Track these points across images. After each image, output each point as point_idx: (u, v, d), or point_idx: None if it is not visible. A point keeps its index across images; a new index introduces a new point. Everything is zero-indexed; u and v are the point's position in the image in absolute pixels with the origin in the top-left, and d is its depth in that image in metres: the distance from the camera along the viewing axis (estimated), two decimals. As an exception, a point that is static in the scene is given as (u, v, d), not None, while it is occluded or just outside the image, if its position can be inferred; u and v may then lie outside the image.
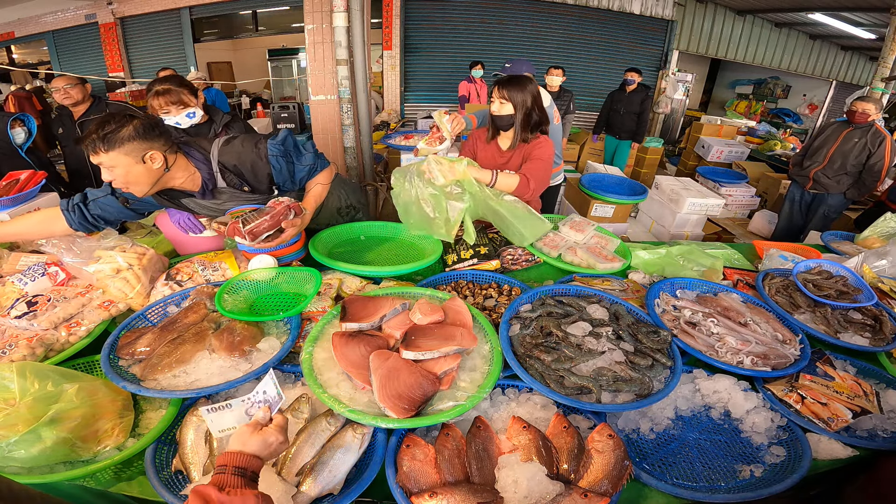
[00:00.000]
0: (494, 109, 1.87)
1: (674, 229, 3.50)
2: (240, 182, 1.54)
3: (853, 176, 3.30)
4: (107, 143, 1.25)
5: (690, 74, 8.11)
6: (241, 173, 1.53)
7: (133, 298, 1.42)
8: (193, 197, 1.55)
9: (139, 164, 1.31)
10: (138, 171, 1.32)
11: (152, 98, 1.96)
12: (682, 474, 1.01)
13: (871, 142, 3.17)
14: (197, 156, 1.49)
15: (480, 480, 0.92)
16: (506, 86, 1.81)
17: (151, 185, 1.39)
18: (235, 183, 1.54)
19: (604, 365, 1.17)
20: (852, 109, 3.23)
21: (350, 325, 1.22)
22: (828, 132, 3.41)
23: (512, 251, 1.79)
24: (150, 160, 1.33)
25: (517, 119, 1.86)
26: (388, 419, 0.97)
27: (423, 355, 1.11)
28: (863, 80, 9.03)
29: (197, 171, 1.49)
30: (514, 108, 1.84)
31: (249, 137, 1.56)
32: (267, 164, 1.53)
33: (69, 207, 1.49)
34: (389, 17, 7.09)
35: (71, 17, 7.51)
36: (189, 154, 1.48)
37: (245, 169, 1.52)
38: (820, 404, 1.15)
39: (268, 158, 1.53)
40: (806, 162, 3.49)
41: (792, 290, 1.61)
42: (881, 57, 5.07)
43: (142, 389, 1.07)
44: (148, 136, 1.31)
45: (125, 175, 1.32)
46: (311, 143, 1.68)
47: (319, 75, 3.46)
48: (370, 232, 1.94)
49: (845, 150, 3.25)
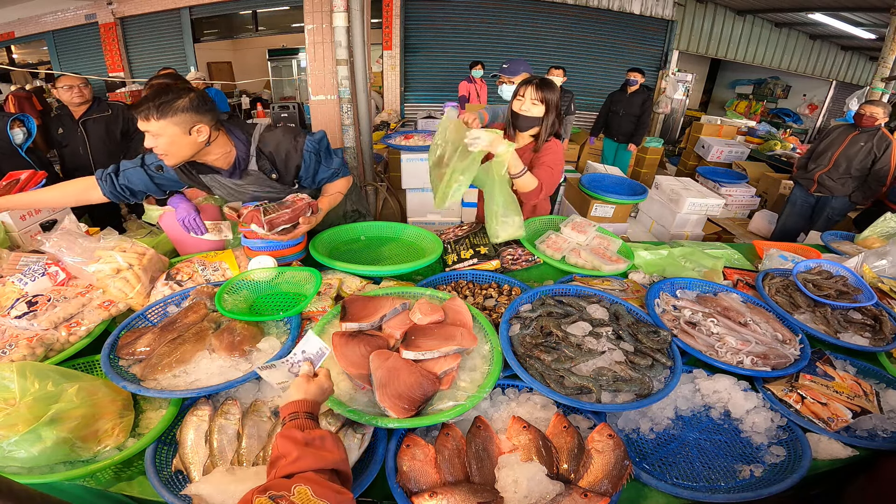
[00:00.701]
0: (525, 109, 1.83)
1: (674, 229, 3.50)
2: (270, 168, 1.59)
3: (857, 179, 3.28)
4: (160, 111, 1.30)
5: (690, 74, 8.11)
6: (275, 160, 1.59)
7: (133, 298, 1.42)
8: (218, 175, 1.59)
9: (185, 136, 1.37)
10: (183, 142, 1.38)
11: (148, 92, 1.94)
12: (681, 474, 1.01)
13: (878, 146, 3.15)
14: (239, 135, 1.55)
15: (480, 480, 0.93)
16: (542, 88, 1.79)
17: (190, 156, 1.44)
18: (266, 168, 1.59)
19: (604, 365, 1.17)
20: (860, 113, 3.20)
21: (350, 325, 1.22)
22: (833, 135, 3.38)
23: (512, 251, 1.79)
24: (197, 133, 1.39)
25: (547, 122, 1.84)
26: (388, 419, 0.97)
27: (423, 355, 1.11)
28: (863, 80, 9.03)
29: (233, 150, 1.54)
30: (545, 111, 1.82)
31: (290, 129, 1.63)
32: (300, 157, 1.60)
33: (102, 177, 1.60)
34: (389, 17, 7.09)
35: (71, 17, 7.51)
36: (231, 132, 1.54)
37: (279, 157, 1.59)
38: (820, 404, 1.15)
39: (302, 152, 1.60)
40: (811, 164, 3.47)
41: (792, 290, 1.61)
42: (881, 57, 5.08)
43: (142, 389, 1.07)
44: (199, 109, 1.37)
45: (168, 144, 1.36)
46: (340, 150, 1.77)
47: (319, 75, 3.46)
48: (370, 232, 1.94)
49: (850, 154, 3.23)
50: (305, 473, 0.68)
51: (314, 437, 0.76)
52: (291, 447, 0.73)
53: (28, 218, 1.77)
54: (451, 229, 1.99)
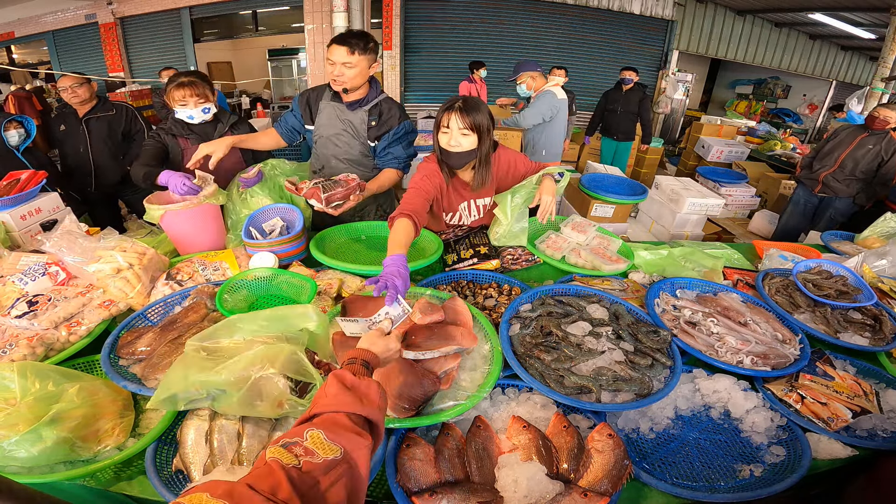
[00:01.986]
0: (453, 144, 1.54)
1: (674, 229, 3.50)
2: (376, 116, 1.97)
3: (862, 181, 3.27)
4: (360, 49, 1.78)
5: (690, 74, 8.11)
6: (381, 113, 1.97)
7: (133, 298, 1.42)
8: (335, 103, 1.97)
9: (368, 70, 1.86)
10: (365, 73, 1.85)
11: (174, 89, 1.93)
12: (681, 474, 1.02)
13: (886, 149, 3.14)
14: (376, 85, 1.99)
15: (480, 480, 0.93)
16: (467, 112, 1.49)
17: (361, 84, 1.89)
18: (374, 114, 1.96)
19: (604, 364, 1.17)
20: (873, 115, 3.18)
21: (350, 325, 1.22)
22: (841, 136, 3.37)
23: (512, 251, 1.79)
24: (371, 69, 1.87)
25: (482, 152, 1.58)
26: (388, 419, 0.97)
27: (423, 355, 1.11)
28: (863, 80, 9.03)
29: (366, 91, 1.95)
30: (478, 140, 1.55)
31: (399, 105, 2.03)
32: (396, 123, 1.97)
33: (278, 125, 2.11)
34: (389, 17, 7.08)
35: (71, 17, 7.51)
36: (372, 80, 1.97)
37: (385, 113, 1.97)
38: (820, 404, 1.15)
39: (399, 122, 1.97)
40: (816, 165, 3.46)
41: (792, 289, 1.61)
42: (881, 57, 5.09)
43: (142, 389, 1.07)
44: (377, 53, 1.87)
45: (358, 72, 1.82)
46: (413, 149, 2.07)
47: (319, 75, 3.46)
48: (371, 232, 1.94)
49: (857, 156, 3.23)
50: (325, 415, 0.69)
51: (360, 383, 0.77)
52: (335, 386, 0.75)
53: (28, 218, 1.77)
54: (451, 229, 1.99)
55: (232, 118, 2.16)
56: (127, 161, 3.18)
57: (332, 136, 2.00)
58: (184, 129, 2.05)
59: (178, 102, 1.95)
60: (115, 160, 3.11)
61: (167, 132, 2.06)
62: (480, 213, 1.91)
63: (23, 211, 1.75)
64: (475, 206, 1.87)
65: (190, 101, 1.95)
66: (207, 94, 2.00)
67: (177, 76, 1.97)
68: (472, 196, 1.83)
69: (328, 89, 1.97)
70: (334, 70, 1.80)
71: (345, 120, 1.97)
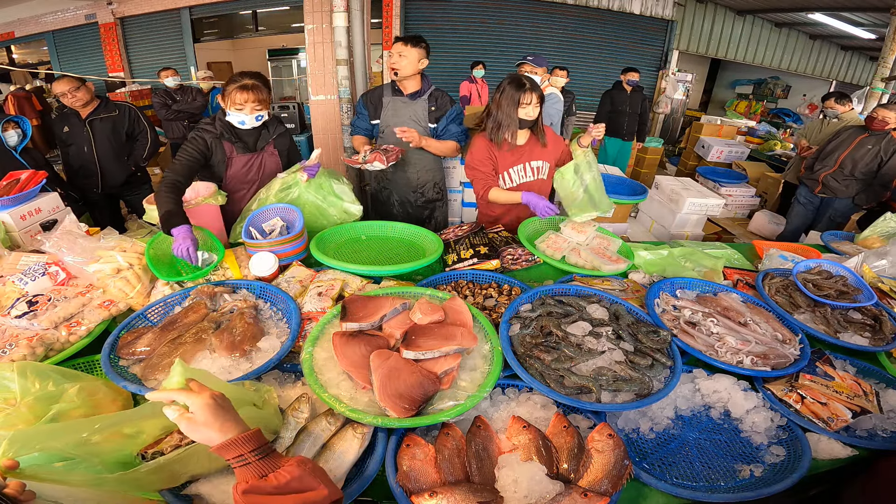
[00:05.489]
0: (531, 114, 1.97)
1: (674, 229, 3.50)
2: (434, 102, 2.38)
3: (862, 182, 3.27)
4: (412, 43, 2.21)
5: (690, 74, 8.11)
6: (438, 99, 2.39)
7: (133, 298, 1.42)
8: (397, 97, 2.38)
9: (417, 62, 2.25)
10: (416, 65, 2.25)
11: (237, 91, 1.79)
12: (681, 474, 1.02)
13: (885, 150, 3.14)
14: (427, 79, 2.41)
15: (480, 480, 0.93)
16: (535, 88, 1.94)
17: (413, 74, 2.28)
18: (432, 100, 2.38)
19: (604, 364, 1.17)
20: (872, 116, 3.19)
21: (350, 325, 1.22)
22: (843, 136, 3.37)
23: (512, 251, 1.79)
24: (421, 63, 2.27)
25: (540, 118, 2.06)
26: (388, 419, 0.97)
27: (423, 355, 1.11)
28: (863, 80, 9.03)
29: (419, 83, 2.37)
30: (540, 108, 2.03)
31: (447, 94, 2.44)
32: (450, 107, 2.41)
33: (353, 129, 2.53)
34: (389, 17, 7.09)
35: (71, 17, 7.52)
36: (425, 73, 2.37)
37: (441, 100, 2.40)
38: (820, 404, 1.15)
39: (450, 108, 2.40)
40: (817, 165, 3.46)
41: (792, 289, 1.61)
42: (881, 57, 5.08)
43: (142, 389, 1.07)
44: (427, 51, 2.28)
45: (410, 63, 2.23)
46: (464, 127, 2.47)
47: (319, 75, 3.46)
48: (371, 231, 1.94)
49: (857, 156, 3.23)
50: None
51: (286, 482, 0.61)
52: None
53: (28, 218, 1.77)
54: (451, 229, 1.99)
55: (279, 128, 2.05)
56: (130, 161, 3.18)
57: (398, 124, 2.32)
58: (232, 134, 1.92)
59: (233, 105, 1.81)
60: (120, 160, 3.12)
61: (217, 136, 1.89)
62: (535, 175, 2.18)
63: (23, 211, 1.75)
64: (530, 167, 2.15)
65: (247, 107, 1.82)
66: (267, 100, 1.87)
67: (240, 76, 1.81)
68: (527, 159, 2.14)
69: (386, 88, 2.39)
70: (391, 59, 2.25)
71: (409, 109, 2.37)
